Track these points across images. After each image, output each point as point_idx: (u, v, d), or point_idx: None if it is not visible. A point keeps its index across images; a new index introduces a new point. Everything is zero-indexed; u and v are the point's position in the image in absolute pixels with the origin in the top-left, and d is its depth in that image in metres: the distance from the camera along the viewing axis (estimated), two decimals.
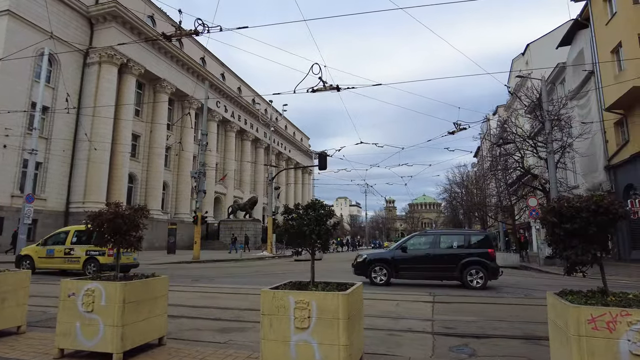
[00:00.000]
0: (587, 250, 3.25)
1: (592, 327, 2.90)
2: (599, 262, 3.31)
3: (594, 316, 2.91)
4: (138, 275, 4.60)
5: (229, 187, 51.11)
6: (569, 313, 2.99)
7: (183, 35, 8.74)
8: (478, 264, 11.24)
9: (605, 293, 3.30)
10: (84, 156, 30.94)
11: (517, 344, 5.10)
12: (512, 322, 6.48)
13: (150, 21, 36.35)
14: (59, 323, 4.25)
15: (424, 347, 4.95)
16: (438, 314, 7.20)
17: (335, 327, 3.42)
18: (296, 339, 3.49)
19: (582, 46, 26.19)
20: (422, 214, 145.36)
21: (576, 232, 3.28)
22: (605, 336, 2.86)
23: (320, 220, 3.85)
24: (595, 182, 24.62)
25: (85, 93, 31.81)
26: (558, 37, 31.79)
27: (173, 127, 41.57)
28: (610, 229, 3.24)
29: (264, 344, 3.58)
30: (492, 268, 11.33)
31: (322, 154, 25.01)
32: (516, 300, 8.95)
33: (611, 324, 2.88)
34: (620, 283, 11.52)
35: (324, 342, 3.42)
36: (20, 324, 5.29)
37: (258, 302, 8.37)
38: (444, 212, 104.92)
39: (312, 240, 3.85)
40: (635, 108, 20.70)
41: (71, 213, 30.51)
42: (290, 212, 3.95)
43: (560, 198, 3.47)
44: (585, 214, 3.20)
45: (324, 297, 3.49)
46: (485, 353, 4.72)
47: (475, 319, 6.76)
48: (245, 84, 56.31)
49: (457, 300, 8.79)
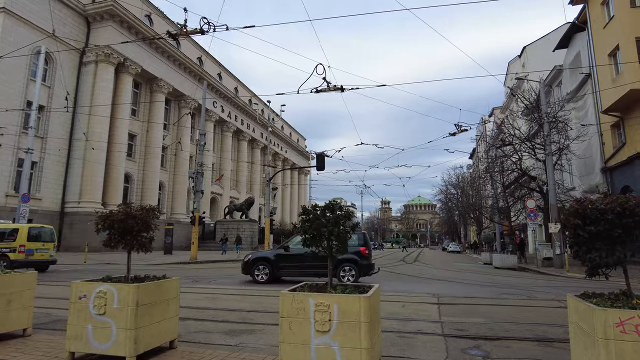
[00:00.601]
0: (612, 252, 3.23)
1: (620, 330, 2.87)
2: (624, 265, 3.30)
3: (622, 319, 2.88)
4: (150, 277, 4.52)
5: (225, 187, 50.92)
6: (595, 316, 2.95)
7: (189, 34, 8.65)
8: (351, 261, 11.91)
9: (630, 296, 3.27)
10: (80, 155, 30.67)
11: (530, 346, 5.08)
12: (520, 323, 6.47)
13: (148, 20, 36.13)
14: (69, 326, 4.16)
15: (437, 350, 4.91)
16: (446, 315, 7.18)
17: (357, 330, 3.37)
18: (317, 342, 3.43)
19: (579, 49, 26.38)
20: (417, 215, 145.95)
21: (600, 235, 3.26)
22: (633, 339, 2.83)
23: (338, 221, 3.80)
24: (592, 184, 24.79)
25: (81, 92, 31.54)
26: (554, 39, 32.04)
27: (170, 127, 41.34)
28: (636, 231, 3.22)
29: (283, 348, 3.52)
30: (363, 265, 12.07)
31: (321, 154, 24.93)
32: (520, 302, 8.95)
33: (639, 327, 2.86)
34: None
35: (346, 346, 3.37)
36: (27, 327, 5.19)
37: (263, 303, 8.36)
38: (439, 213, 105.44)
39: (331, 241, 3.80)
40: (632, 111, 20.86)
41: (66, 213, 30.23)
42: (309, 213, 3.89)
43: (582, 200, 3.44)
44: (611, 216, 3.19)
45: (345, 300, 3.44)
46: (499, 355, 4.69)
47: (483, 320, 6.74)
48: (242, 84, 56.16)
49: (462, 302, 8.77)
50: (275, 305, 8.06)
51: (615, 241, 3.25)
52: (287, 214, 70.95)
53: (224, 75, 51.12)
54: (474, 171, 56.93)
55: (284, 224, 63.17)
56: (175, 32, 8.83)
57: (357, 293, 3.68)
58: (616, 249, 3.24)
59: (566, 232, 3.49)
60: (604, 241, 3.27)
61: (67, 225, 29.99)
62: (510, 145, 25.68)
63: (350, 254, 11.86)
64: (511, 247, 36.96)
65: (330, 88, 10.60)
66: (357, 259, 12.01)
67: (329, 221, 3.84)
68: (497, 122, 35.86)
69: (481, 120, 52.86)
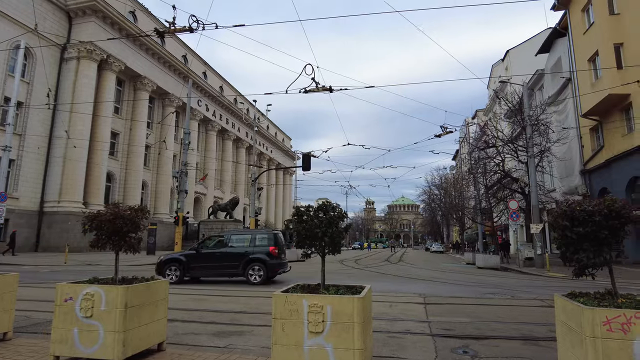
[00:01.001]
0: (599, 253, 3.32)
1: (607, 329, 2.95)
2: (609, 265, 3.39)
3: (609, 318, 2.96)
4: (138, 278, 4.44)
5: (210, 187, 50.43)
6: (583, 315, 3.03)
7: (177, 31, 8.51)
8: (259, 261, 12.30)
9: (615, 295, 3.36)
10: (61, 154, 29.92)
11: (517, 345, 5.17)
12: (507, 322, 6.59)
13: (132, 17, 35.50)
14: (54, 329, 4.05)
15: (426, 350, 4.96)
16: (432, 315, 7.26)
17: (350, 331, 3.37)
18: (310, 343, 3.43)
19: (560, 54, 27.05)
20: (401, 215, 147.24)
21: (588, 236, 3.35)
22: (620, 337, 2.91)
23: (332, 222, 3.81)
24: (572, 186, 25.43)
25: (62, 89, 30.77)
26: (537, 44, 32.77)
27: (153, 126, 40.71)
28: (621, 232, 3.32)
29: (275, 349, 3.50)
30: (272, 265, 12.42)
31: (307, 154, 24.87)
32: (505, 302, 9.10)
33: (625, 326, 2.93)
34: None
35: (339, 347, 3.37)
36: (7, 330, 5.03)
37: (251, 304, 8.30)
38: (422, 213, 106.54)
39: (324, 242, 3.80)
40: (610, 115, 21.49)
41: (46, 213, 29.45)
42: (302, 213, 3.88)
43: (570, 202, 3.52)
44: (598, 218, 3.27)
45: (339, 300, 3.44)
46: (488, 355, 4.76)
47: (469, 320, 6.84)
48: (227, 83, 55.71)
49: (448, 302, 8.88)
50: (263, 306, 8.01)
51: (602, 242, 3.34)
52: (272, 214, 70.68)
53: (209, 74, 50.63)
54: (457, 172, 57.77)
55: (269, 224, 62.92)
56: (163, 30, 8.69)
57: (350, 294, 3.69)
58: (603, 249, 3.33)
59: (554, 233, 3.57)
60: (591, 242, 3.35)
61: (46, 225, 29.22)
62: (493, 147, 26.11)
63: (260, 254, 12.41)
64: (493, 247, 37.66)
65: (318, 88, 10.60)
66: (267, 258, 12.40)
67: (322, 222, 3.84)
68: (480, 124, 36.42)
69: (464, 122, 53.68)
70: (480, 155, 29.86)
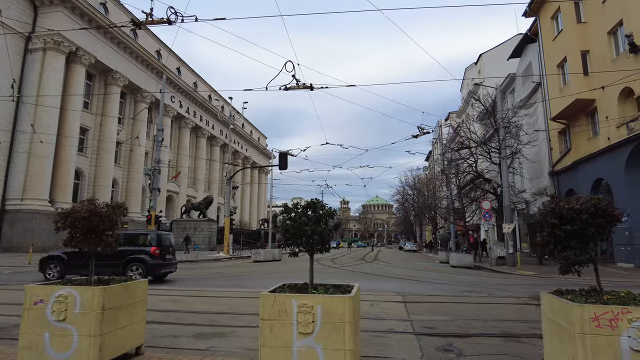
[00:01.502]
0: (586, 250, 3.37)
1: (596, 325, 2.99)
2: (595, 263, 3.45)
3: (597, 314, 3.00)
4: (116, 279, 4.21)
5: (182, 185, 49.35)
6: (572, 312, 3.06)
7: (155, 23, 8.19)
8: (139, 260, 12.48)
9: (601, 292, 3.43)
10: (25, 149, 28.52)
11: (500, 342, 5.24)
12: (486, 320, 6.68)
13: (103, 8, 34.23)
14: (22, 334, 3.79)
15: (411, 348, 4.95)
16: (413, 313, 7.28)
17: (340, 332, 3.29)
18: (299, 344, 3.33)
19: (531, 59, 27.92)
20: (375, 214, 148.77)
21: (575, 233, 3.40)
22: (607, 333, 2.96)
23: (321, 220, 3.72)
24: (541, 187, 26.31)
25: (27, 81, 29.31)
26: (508, 48, 33.71)
27: (125, 122, 39.43)
28: (607, 230, 3.38)
29: (263, 351, 3.38)
30: (151, 264, 12.52)
31: (284, 153, 24.67)
32: (482, 300, 9.25)
33: (613, 322, 2.98)
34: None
35: (329, 347, 3.29)
36: None
37: (230, 305, 8.11)
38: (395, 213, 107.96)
39: (313, 240, 3.70)
40: (577, 119, 22.33)
41: (7, 211, 28.01)
42: (290, 211, 3.78)
43: (559, 200, 3.57)
44: (585, 216, 3.32)
45: (329, 300, 3.36)
46: (472, 352, 4.79)
47: (449, 318, 6.90)
48: (202, 80, 54.65)
49: (427, 300, 8.96)
50: (242, 307, 7.84)
51: (589, 240, 3.40)
52: (247, 213, 69.89)
53: (183, 70, 49.52)
54: (430, 173, 58.83)
55: (244, 224, 62.15)
56: (140, 21, 8.34)
57: (339, 293, 3.62)
58: (589, 247, 3.39)
59: (542, 231, 3.60)
60: (578, 240, 3.41)
61: (8, 224, 27.80)
62: (467, 148, 26.67)
63: (140, 254, 12.54)
64: (465, 246, 38.55)
65: (299, 86, 10.49)
66: (147, 258, 12.52)
67: (310, 219, 3.74)
68: (453, 125, 37.19)
69: (438, 123, 54.73)
70: (453, 156, 30.48)
